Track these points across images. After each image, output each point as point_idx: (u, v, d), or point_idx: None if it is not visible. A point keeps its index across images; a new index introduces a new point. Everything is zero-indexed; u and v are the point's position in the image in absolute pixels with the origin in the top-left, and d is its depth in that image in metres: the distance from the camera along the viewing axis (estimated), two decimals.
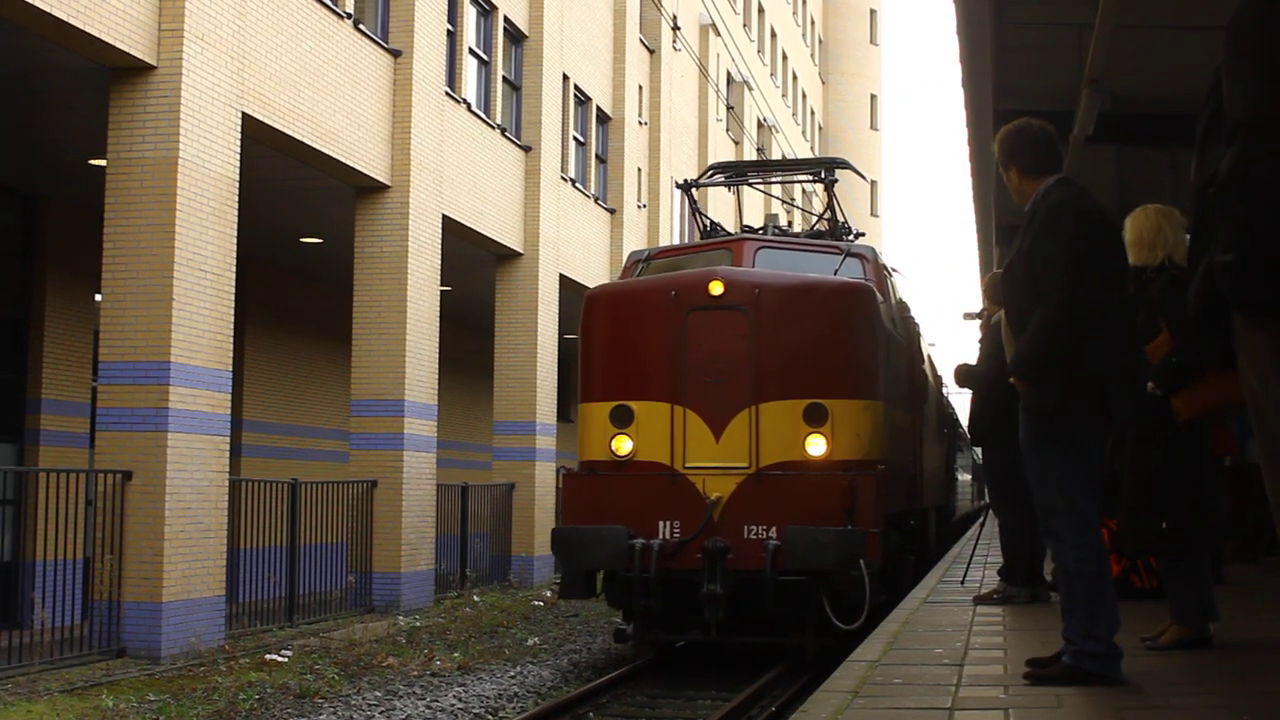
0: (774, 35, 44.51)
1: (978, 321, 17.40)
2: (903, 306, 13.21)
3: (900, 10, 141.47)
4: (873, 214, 56.10)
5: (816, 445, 10.15)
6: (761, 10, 42.44)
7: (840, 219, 13.04)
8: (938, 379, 19.70)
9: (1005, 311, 5.30)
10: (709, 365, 10.35)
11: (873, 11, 58.83)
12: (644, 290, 11.04)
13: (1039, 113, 6.58)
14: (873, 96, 57.94)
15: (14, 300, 16.45)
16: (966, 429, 12.40)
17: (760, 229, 13.30)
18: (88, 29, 11.31)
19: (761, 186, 20.56)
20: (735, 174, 14.51)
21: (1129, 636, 5.86)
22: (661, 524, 10.19)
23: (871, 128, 57.75)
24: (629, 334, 10.87)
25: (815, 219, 13.92)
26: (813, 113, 52.71)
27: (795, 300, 10.49)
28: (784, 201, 24.27)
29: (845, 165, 13.31)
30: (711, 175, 14.06)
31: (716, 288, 10.45)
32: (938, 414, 17.98)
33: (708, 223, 13.49)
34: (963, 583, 10.32)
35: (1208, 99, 2.82)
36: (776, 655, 10.71)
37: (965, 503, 30.43)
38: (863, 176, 15.13)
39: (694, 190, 13.48)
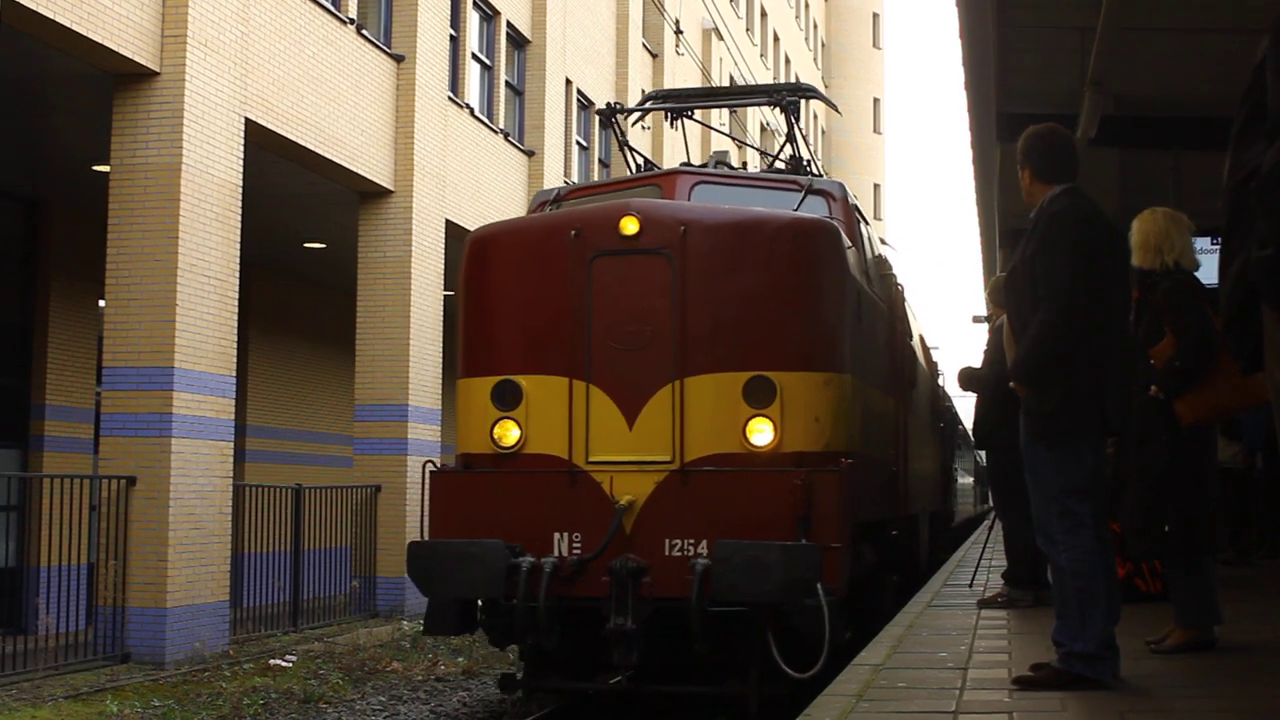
0: (777, 39, 44.53)
1: (985, 325, 17.42)
2: (882, 263, 10.39)
3: (903, 14, 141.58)
4: (876, 217, 56.06)
5: (761, 433, 7.55)
6: (764, 14, 42.46)
7: (804, 156, 10.26)
8: (931, 365, 16.62)
9: (1007, 316, 5.35)
10: (620, 327, 7.76)
11: (875, 15, 58.84)
12: (536, 230, 8.40)
13: (1042, 116, 6.58)
14: (875, 100, 57.94)
15: (18, 306, 16.46)
16: (970, 432, 12.38)
17: (703, 167, 10.26)
18: (91, 35, 11.33)
19: (717, 126, 16.96)
20: (678, 104, 10.95)
21: (1133, 640, 5.87)
22: (557, 537, 7.62)
23: (874, 131, 57.75)
24: (517, 287, 8.19)
25: (773, 157, 11.08)
26: (815, 116, 52.73)
27: (734, 241, 7.86)
28: (738, 141, 19.51)
29: (812, 92, 10.83)
30: (647, 106, 11.09)
31: (630, 225, 7.82)
32: (931, 404, 15.12)
33: (640, 160, 10.76)
34: (970, 585, 10.30)
35: (1244, 98, 2.82)
36: (711, 709, 8.28)
37: (967, 507, 28.63)
38: (833, 107, 12.75)
39: (619, 120, 10.56)
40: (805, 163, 10.20)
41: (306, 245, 19.82)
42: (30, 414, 16.30)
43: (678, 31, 28.44)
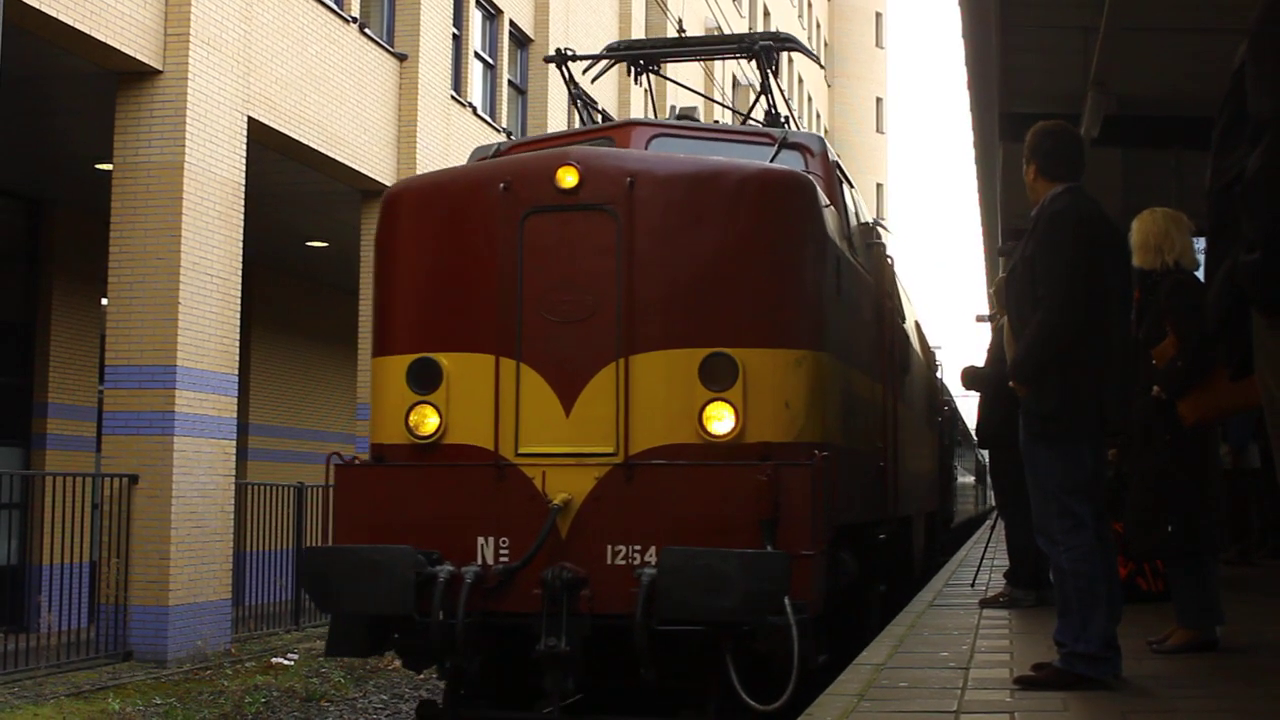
0: None
1: (988, 325, 17.41)
2: (869, 231, 9.13)
3: (906, 13, 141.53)
4: (880, 217, 56.05)
5: (720, 419, 6.47)
6: (767, 13, 42.47)
7: (783, 112, 9.00)
8: (929, 354, 15.22)
9: (1007, 315, 5.36)
10: (556, 297, 6.72)
11: (878, 15, 58.83)
12: (459, 184, 7.33)
13: (1045, 116, 6.58)
14: (878, 100, 57.94)
15: (20, 304, 16.48)
16: (974, 432, 12.38)
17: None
18: (94, 34, 11.34)
19: (691, 86, 14.53)
20: (641, 53, 9.63)
21: (1135, 640, 5.87)
22: (481, 542, 6.60)
23: (877, 131, 57.74)
24: (436, 251, 7.13)
25: (744, 115, 10.09)
26: (818, 115, 52.73)
27: (690, 195, 6.79)
28: (710, 100, 16.78)
29: (790, 42, 9.40)
30: (603, 54, 9.82)
31: (568, 177, 6.74)
32: (928, 396, 13.71)
33: (599, 116, 9.61)
34: (972, 585, 10.30)
35: (1225, 103, 2.83)
36: None
37: (968, 507, 27.49)
38: (814, 59, 11.79)
39: (569, 68, 9.36)
40: (784, 120, 8.92)
41: (309, 244, 19.84)
42: (33, 412, 16.31)
43: (680, 31, 28.46)
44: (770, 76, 9.09)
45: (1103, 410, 5.14)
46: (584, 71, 9.65)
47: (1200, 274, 6.24)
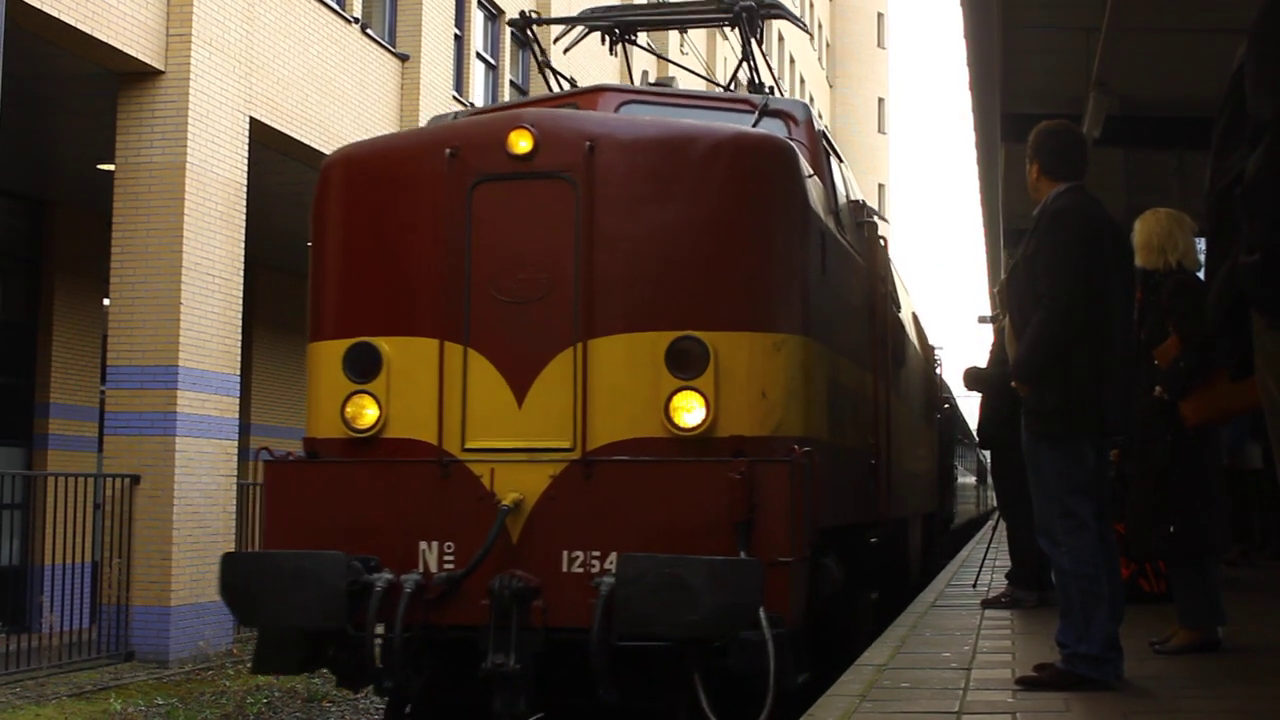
0: (781, 39, 44.54)
1: (990, 325, 17.37)
2: (858, 209, 8.36)
3: (907, 14, 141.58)
4: (881, 218, 56.06)
5: (689, 411, 5.82)
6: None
7: (767, 82, 8.35)
8: (927, 348, 14.38)
9: (1009, 315, 5.35)
10: (508, 275, 6.08)
11: (880, 15, 58.85)
12: (401, 150, 6.71)
13: (1047, 116, 6.58)
14: (880, 100, 57.95)
15: (23, 305, 16.49)
16: (975, 432, 12.36)
17: None
18: (96, 34, 11.35)
19: (673, 59, 13.70)
20: (618, 23, 8.91)
21: (1137, 641, 5.87)
22: (423, 547, 5.96)
23: (879, 131, 57.75)
24: (376, 224, 6.48)
25: (724, 86, 9.38)
26: (820, 116, 52.79)
27: (657, 162, 6.17)
28: (691, 72, 15.21)
29: (775, 7, 8.65)
30: (575, 19, 9.12)
31: (521, 141, 6.10)
32: (926, 391, 12.90)
33: (565, 83, 8.83)
34: (974, 585, 10.30)
35: (1225, 104, 2.83)
36: None
37: (969, 508, 26.88)
38: (801, 26, 10.92)
39: (535, 33, 8.86)
40: (769, 89, 8.26)
41: (311, 244, 19.81)
42: (35, 412, 16.32)
43: (683, 32, 28.46)
44: (752, 43, 8.49)
45: (1103, 410, 5.13)
46: (555, 41, 9.27)
47: (1202, 275, 6.24)
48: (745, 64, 8.52)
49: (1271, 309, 2.58)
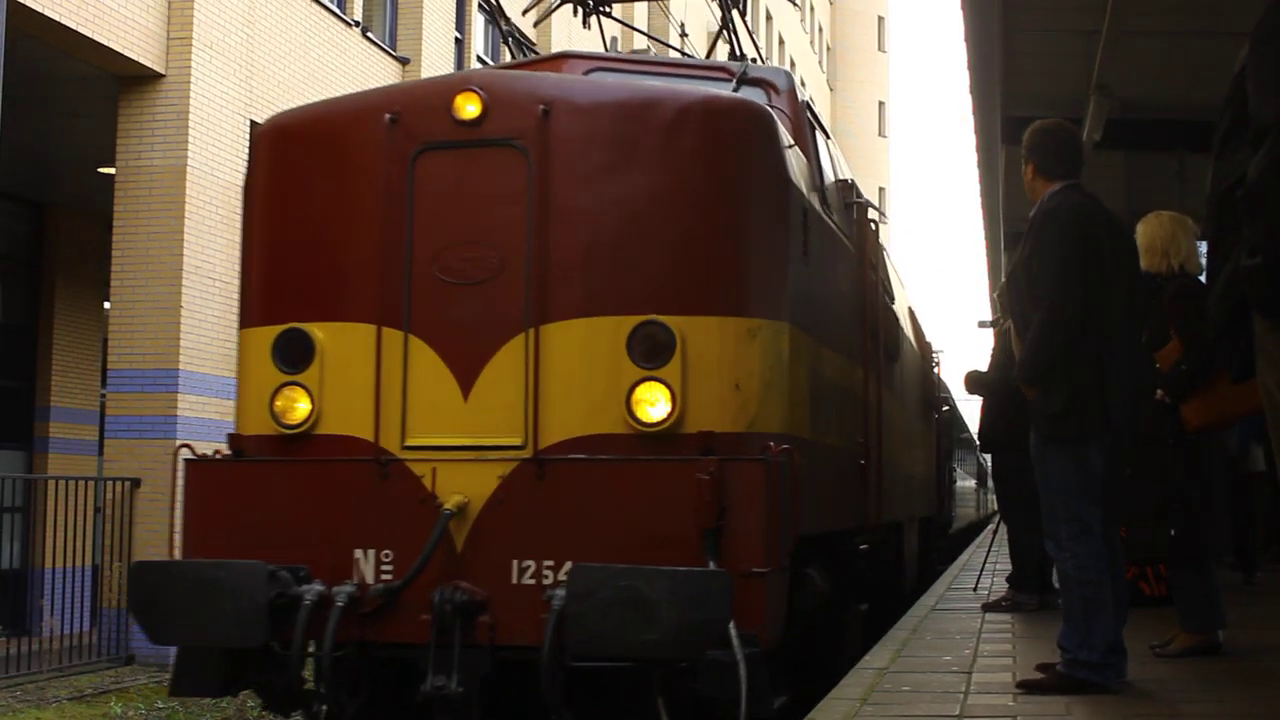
0: (782, 42, 44.57)
1: (991, 330, 17.31)
2: (848, 189, 7.71)
3: (908, 17, 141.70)
4: (882, 220, 56.09)
5: (653, 404, 5.25)
6: (769, 17, 42.49)
7: (748, 55, 7.73)
8: (924, 344, 13.62)
9: (1011, 317, 5.33)
10: (454, 253, 5.52)
11: (880, 18, 58.87)
12: (341, 116, 6.08)
13: (1048, 119, 6.58)
14: (880, 103, 57.97)
15: (23, 308, 16.49)
16: (977, 436, 12.33)
17: None
18: (97, 37, 11.36)
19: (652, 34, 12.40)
20: None
21: (1138, 644, 5.86)
22: (359, 556, 5.38)
23: (880, 134, 57.77)
24: (309, 198, 5.88)
25: (706, 55, 8.12)
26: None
27: (619, 128, 5.58)
28: (670, 47, 14.47)
29: None
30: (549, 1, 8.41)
31: (469, 105, 5.53)
32: (922, 389, 12.24)
33: (536, 54, 7.88)
34: (975, 589, 10.29)
35: (1226, 106, 2.83)
36: None
37: (969, 511, 26.26)
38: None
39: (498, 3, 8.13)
40: (750, 61, 7.62)
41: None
42: (35, 416, 16.33)
43: (683, 34, 28.45)
44: (732, 10, 7.89)
45: (1108, 411, 5.11)
46: (524, 13, 8.44)
47: (1203, 278, 6.24)
48: (725, 33, 7.98)
49: (1273, 311, 2.58)
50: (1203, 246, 6.28)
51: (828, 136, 7.63)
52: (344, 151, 5.84)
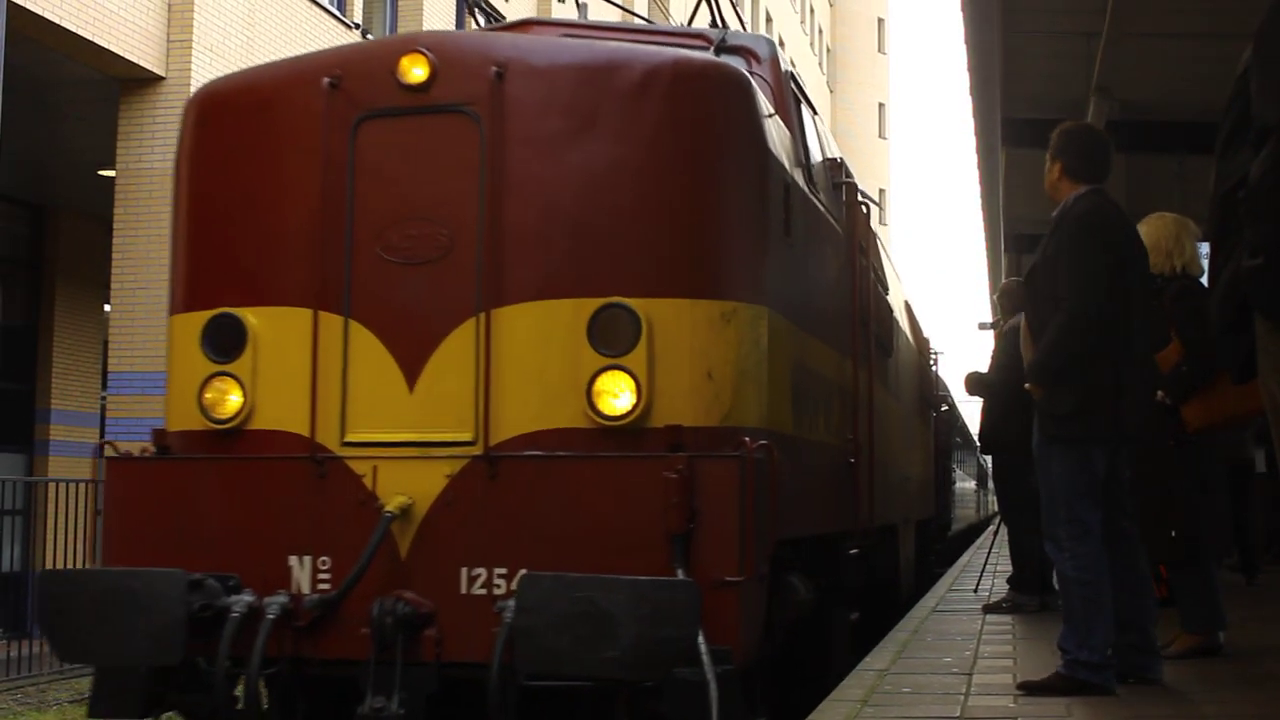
0: (782, 44, 44.60)
1: (991, 331, 17.29)
2: (836, 169, 7.18)
3: (908, 19, 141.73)
4: (882, 222, 56.12)
5: (616, 395, 4.80)
6: (769, 19, 42.53)
7: (731, 27, 7.26)
8: (921, 340, 13.07)
9: (1025, 315, 5.33)
10: (398, 230, 5.05)
11: (880, 20, 58.92)
12: (274, 82, 5.55)
13: (1047, 121, 6.59)
14: (880, 105, 58.01)
15: (23, 310, 16.50)
16: (977, 438, 12.33)
17: None
18: (98, 40, 11.36)
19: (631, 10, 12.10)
20: None
21: None
22: (294, 563, 4.92)
23: (880, 136, 57.81)
24: (243, 170, 5.40)
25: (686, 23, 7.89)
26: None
27: (579, 93, 5.09)
28: (636, 15, 13.25)
29: None
30: None
31: (415, 68, 5.06)
32: (919, 386, 11.87)
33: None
34: (975, 590, 10.29)
35: (1229, 107, 2.83)
36: None
37: (969, 513, 25.97)
38: None
39: None
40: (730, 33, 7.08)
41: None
42: (35, 418, 16.33)
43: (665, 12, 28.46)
44: None
45: (1120, 416, 5.11)
46: None
47: (1204, 279, 6.25)
48: (706, 2, 7.66)
49: (1274, 312, 2.58)
50: (1204, 248, 6.29)
51: (815, 112, 7.18)
52: (279, 120, 5.33)
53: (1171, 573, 6.39)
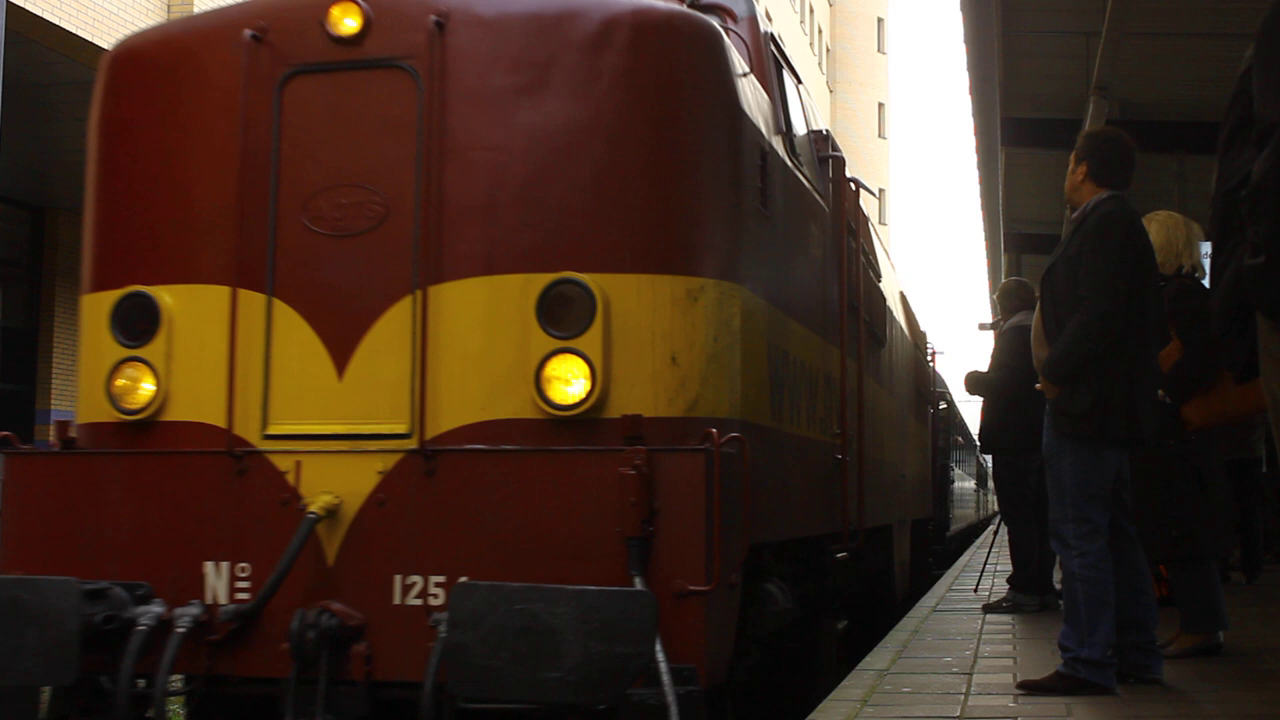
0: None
1: (991, 331, 17.28)
2: (821, 142, 6.63)
3: (907, 19, 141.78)
4: (881, 222, 56.15)
5: (568, 381, 4.36)
6: (769, 19, 42.51)
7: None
8: (918, 334, 12.59)
9: (1040, 312, 5.34)
10: (327, 199, 4.60)
11: (880, 20, 58.93)
12: (192, 36, 5.08)
13: (1047, 121, 6.60)
14: (880, 105, 58.02)
15: (23, 311, 16.50)
16: (977, 438, 12.31)
17: None
18: (96, 41, 11.37)
19: None
20: None
21: None
22: (211, 570, 4.46)
23: (879, 136, 57.82)
24: (157, 134, 4.91)
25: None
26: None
27: (529, 46, 4.61)
28: None
29: None
30: None
31: (347, 18, 4.61)
32: (915, 380, 11.45)
33: None
34: (975, 590, 10.29)
35: (1231, 107, 2.83)
36: None
37: (968, 513, 25.83)
38: None
39: None
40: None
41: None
42: (35, 419, 16.33)
43: None
44: None
45: (1135, 417, 5.12)
46: None
47: (1205, 279, 6.26)
48: None
49: (1276, 311, 2.58)
50: (1206, 247, 6.29)
51: (799, 80, 6.66)
52: (197, 77, 4.84)
53: (1172, 572, 6.39)
